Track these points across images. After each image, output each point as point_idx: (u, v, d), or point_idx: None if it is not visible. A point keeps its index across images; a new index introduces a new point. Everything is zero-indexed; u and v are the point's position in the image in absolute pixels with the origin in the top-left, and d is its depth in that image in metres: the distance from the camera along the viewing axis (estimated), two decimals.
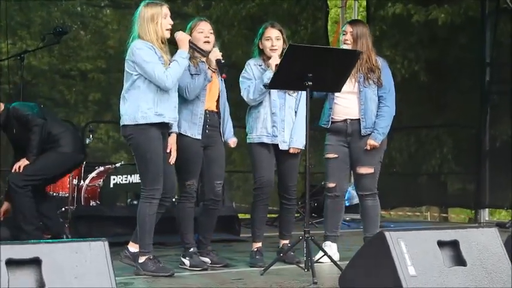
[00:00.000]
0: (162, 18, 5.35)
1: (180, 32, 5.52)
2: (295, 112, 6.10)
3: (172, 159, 5.56)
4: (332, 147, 6.29)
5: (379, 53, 6.46)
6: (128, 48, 5.39)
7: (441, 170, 11.30)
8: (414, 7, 11.52)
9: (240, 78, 6.13)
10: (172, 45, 5.52)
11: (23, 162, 6.44)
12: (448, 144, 11.22)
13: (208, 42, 5.82)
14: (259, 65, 6.10)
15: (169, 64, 5.35)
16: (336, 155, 6.26)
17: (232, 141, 6.07)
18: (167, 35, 5.40)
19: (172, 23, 5.43)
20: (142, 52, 5.28)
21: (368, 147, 6.14)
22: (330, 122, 6.25)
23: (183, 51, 5.43)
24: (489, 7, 10.43)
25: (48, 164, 6.61)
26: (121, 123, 5.43)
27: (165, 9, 5.40)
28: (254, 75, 6.06)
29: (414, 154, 11.62)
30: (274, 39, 6.06)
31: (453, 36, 11.06)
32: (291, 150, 6.07)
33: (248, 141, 6.15)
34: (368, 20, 11.52)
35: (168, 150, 5.52)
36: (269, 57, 6.02)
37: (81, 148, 6.98)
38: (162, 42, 5.41)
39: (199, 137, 5.77)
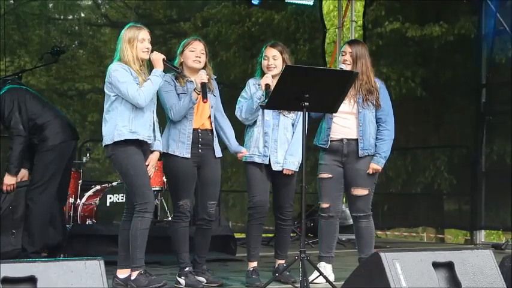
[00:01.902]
0: (138, 42, 5.52)
1: (155, 52, 5.65)
2: (293, 133, 6.10)
3: (148, 174, 5.58)
4: (326, 166, 6.24)
5: (376, 72, 6.46)
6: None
7: (437, 191, 11.31)
8: (411, 25, 11.59)
9: (239, 97, 6.15)
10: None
11: (8, 180, 6.42)
12: (444, 165, 11.23)
13: (198, 61, 5.86)
14: (258, 84, 6.09)
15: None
16: (330, 175, 6.21)
17: (241, 154, 5.99)
18: (145, 56, 5.58)
19: (149, 46, 5.58)
20: (117, 73, 5.46)
21: (370, 171, 6.13)
22: (328, 141, 6.21)
23: (157, 70, 5.57)
24: (485, 28, 10.47)
25: (42, 167, 6.54)
26: (103, 144, 5.57)
27: (143, 34, 5.56)
28: (251, 94, 6.07)
29: (410, 175, 11.62)
30: (270, 58, 6.06)
31: (449, 56, 11.11)
32: (284, 171, 6.04)
33: (243, 159, 6.13)
34: (364, 39, 11.56)
35: (146, 163, 5.57)
36: None
37: (70, 134, 6.77)
38: (141, 64, 5.57)
39: (187, 155, 5.77)
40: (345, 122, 6.18)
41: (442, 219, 11.56)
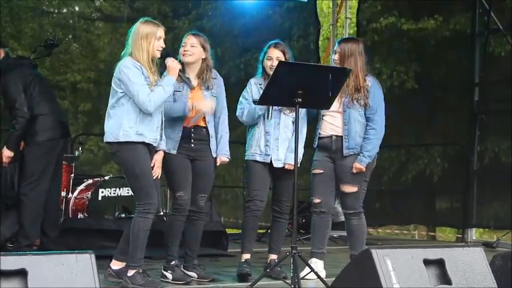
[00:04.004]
0: (155, 39, 5.36)
1: (172, 58, 5.54)
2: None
3: (155, 175, 5.53)
4: (318, 162, 6.29)
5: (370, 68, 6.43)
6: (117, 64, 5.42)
7: (429, 189, 11.32)
8: (407, 21, 11.59)
9: (240, 97, 6.20)
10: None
11: (8, 153, 6.46)
12: (436, 163, 11.24)
13: (187, 55, 5.81)
14: (260, 84, 6.14)
15: (154, 85, 5.35)
16: (321, 171, 6.25)
17: (220, 160, 6.00)
18: (158, 54, 5.41)
19: (164, 46, 5.43)
20: (129, 72, 5.29)
21: (354, 170, 6.14)
22: (318, 139, 6.27)
23: (171, 78, 5.46)
24: (479, 26, 10.47)
25: (32, 162, 6.56)
26: (105, 140, 5.45)
27: (160, 32, 5.40)
28: (253, 94, 6.11)
29: (402, 172, 11.63)
30: (274, 60, 6.08)
31: (443, 54, 11.11)
32: (286, 167, 6.10)
33: (245, 157, 6.23)
34: (358, 35, 11.56)
35: (152, 165, 5.51)
36: (269, 76, 6.05)
37: (60, 132, 6.74)
38: (152, 61, 5.41)
39: (174, 152, 5.75)
40: (333, 120, 6.22)
41: (433, 217, 11.58)
